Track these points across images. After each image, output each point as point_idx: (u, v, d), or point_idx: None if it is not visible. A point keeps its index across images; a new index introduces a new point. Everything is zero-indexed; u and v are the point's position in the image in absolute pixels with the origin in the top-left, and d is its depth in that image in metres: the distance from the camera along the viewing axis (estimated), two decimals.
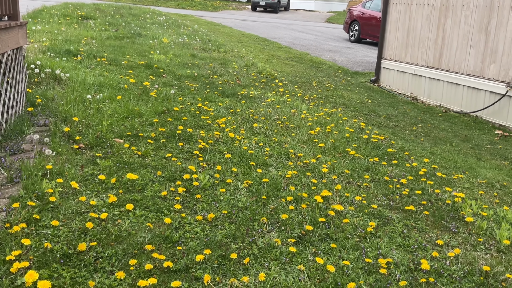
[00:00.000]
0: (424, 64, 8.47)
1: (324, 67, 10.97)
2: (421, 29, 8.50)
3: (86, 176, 3.22)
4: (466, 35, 7.47)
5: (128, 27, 11.21)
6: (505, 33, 6.76)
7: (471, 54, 7.40)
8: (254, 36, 15.16)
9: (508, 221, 3.38)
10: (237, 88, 6.72)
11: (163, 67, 7.16)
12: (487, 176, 4.46)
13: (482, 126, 6.82)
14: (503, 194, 4.02)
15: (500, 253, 2.94)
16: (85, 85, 5.27)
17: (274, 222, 2.95)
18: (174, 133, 4.26)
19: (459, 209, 3.50)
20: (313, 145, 4.53)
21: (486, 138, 6.20)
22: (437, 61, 8.15)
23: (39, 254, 2.36)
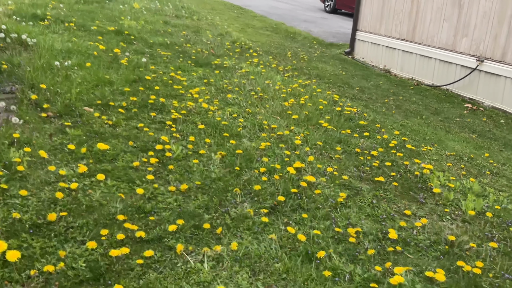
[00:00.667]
0: (398, 37, 8.51)
1: (299, 37, 10.89)
2: (396, 1, 8.50)
3: (55, 145, 3.15)
4: (440, 8, 7.51)
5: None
6: (478, 7, 6.82)
7: (444, 27, 7.47)
8: (229, 4, 14.88)
9: (474, 192, 3.49)
10: (211, 58, 6.63)
11: (134, 34, 6.97)
12: (455, 148, 4.58)
13: (452, 99, 6.95)
14: (470, 166, 4.14)
15: (465, 223, 3.05)
16: (52, 51, 5.09)
17: (247, 193, 2.97)
18: (146, 103, 4.19)
19: (427, 180, 3.59)
20: (287, 117, 4.54)
21: (456, 111, 6.33)
22: (411, 34, 8.20)
23: (8, 224, 2.32)
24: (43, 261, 2.12)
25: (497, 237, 2.89)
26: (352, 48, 9.81)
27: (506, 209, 3.33)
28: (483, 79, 6.82)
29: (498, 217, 3.17)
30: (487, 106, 6.67)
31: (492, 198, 3.45)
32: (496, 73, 6.56)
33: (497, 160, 4.48)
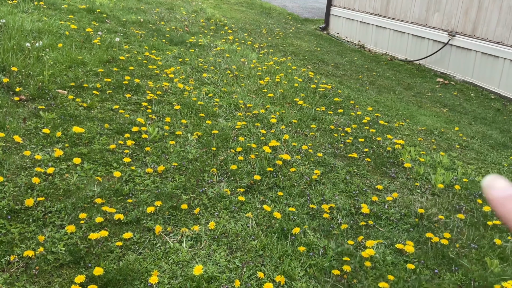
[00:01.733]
0: (372, 12, 8.56)
1: (274, 13, 10.84)
2: None
3: (29, 130, 3.13)
4: None
5: None
6: None
7: (416, 2, 7.54)
8: None
9: (443, 166, 3.63)
10: (186, 36, 6.57)
11: (107, 12, 6.84)
12: (427, 123, 4.70)
13: (425, 74, 7.08)
14: (440, 140, 4.28)
15: (434, 196, 3.17)
16: (22, 32, 4.98)
17: (224, 172, 3.02)
18: (121, 84, 4.17)
19: (399, 155, 3.70)
20: (263, 95, 4.57)
21: (428, 86, 6.46)
22: (384, 9, 8.25)
23: None
24: (23, 246, 2.15)
25: (464, 209, 3.02)
26: (327, 24, 9.83)
27: (473, 181, 3.47)
28: (454, 54, 6.95)
29: (465, 189, 3.31)
30: (458, 80, 6.82)
31: (461, 171, 3.59)
32: (467, 48, 6.69)
33: (467, 134, 4.63)
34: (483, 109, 5.65)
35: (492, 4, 6.25)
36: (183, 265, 2.19)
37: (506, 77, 6.13)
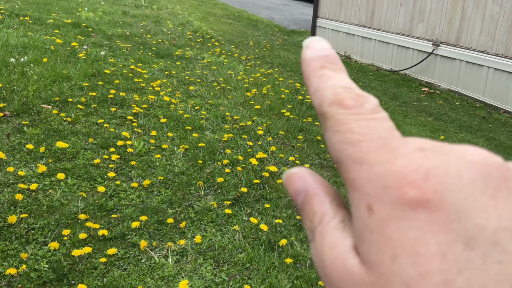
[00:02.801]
0: (357, 23, 8.64)
1: (261, 25, 10.91)
2: None
3: (13, 146, 3.09)
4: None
5: None
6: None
7: (401, 13, 7.63)
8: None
9: None
10: (172, 49, 6.58)
11: (92, 26, 6.83)
12: (412, 132, 4.73)
13: (410, 83, 7.15)
14: None
15: None
16: (7, 47, 4.95)
17: (211, 185, 3.01)
18: (106, 98, 4.14)
19: None
20: (250, 107, 4.58)
21: (413, 95, 6.52)
22: (369, 20, 8.34)
23: None
24: (5, 264, 2.11)
25: None
26: (313, 35, 9.90)
27: None
28: (439, 63, 7.03)
29: None
30: (444, 89, 6.90)
31: None
32: (452, 57, 6.78)
33: (453, 142, 4.66)
34: (468, 117, 5.71)
35: (475, 14, 6.35)
36: (169, 280, 2.16)
37: (491, 85, 6.21)
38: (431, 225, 0.20)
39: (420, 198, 0.20)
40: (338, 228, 0.23)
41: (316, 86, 0.25)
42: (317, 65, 0.26)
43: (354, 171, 0.22)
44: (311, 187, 0.26)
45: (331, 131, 0.23)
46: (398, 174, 0.21)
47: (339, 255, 0.22)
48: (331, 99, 0.24)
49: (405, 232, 0.20)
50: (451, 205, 0.20)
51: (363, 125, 0.23)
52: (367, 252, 0.21)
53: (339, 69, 0.26)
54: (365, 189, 0.21)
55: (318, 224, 0.24)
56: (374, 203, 0.21)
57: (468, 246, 0.20)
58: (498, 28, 6.06)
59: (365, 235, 0.21)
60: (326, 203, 0.25)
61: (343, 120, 0.23)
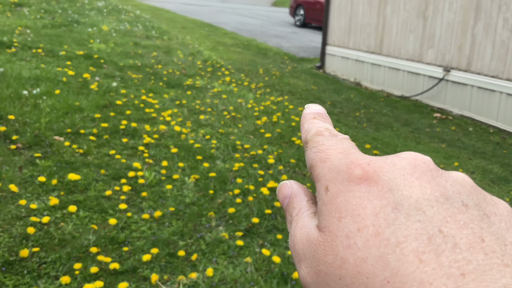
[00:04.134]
0: (366, 50, 8.69)
1: (270, 53, 11.02)
2: (362, 15, 8.70)
3: (25, 178, 3.11)
4: (405, 20, 7.72)
5: (65, 14, 10.75)
6: (441, 18, 7.04)
7: (410, 39, 7.67)
8: (199, 22, 14.96)
9: None
10: (183, 78, 6.65)
11: (104, 57, 6.94)
12: None
13: (422, 109, 7.12)
14: None
15: None
16: (20, 80, 5.04)
17: (222, 216, 2.98)
18: (118, 129, 4.17)
19: None
20: (260, 136, 4.58)
21: (425, 122, 6.48)
22: (379, 47, 8.39)
23: None
24: None
25: None
26: (322, 62, 9.97)
27: None
28: (450, 89, 7.01)
29: None
30: (456, 115, 6.85)
31: None
32: (463, 82, 6.76)
33: (467, 169, 4.60)
34: (482, 143, 5.64)
35: (485, 39, 6.35)
36: None
37: (504, 111, 6.16)
38: (369, 195, 0.27)
39: (363, 175, 0.28)
40: (309, 216, 0.31)
41: (306, 127, 0.35)
42: (311, 116, 0.36)
43: (320, 168, 0.30)
44: (294, 191, 0.33)
45: (309, 148, 0.32)
46: (349, 162, 0.29)
47: (305, 231, 0.29)
48: (314, 132, 0.33)
49: (349, 200, 0.27)
50: (385, 181, 0.27)
51: (332, 142, 0.31)
52: (322, 220, 0.28)
53: (326, 120, 0.35)
54: (325, 176, 0.29)
55: (295, 215, 0.32)
56: (330, 184, 0.28)
57: (396, 209, 0.26)
58: (509, 53, 6.05)
59: (322, 208, 0.28)
60: (303, 200, 0.32)
61: (319, 141, 0.32)
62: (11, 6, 10.73)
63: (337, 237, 0.26)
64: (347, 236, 0.26)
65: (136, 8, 15.08)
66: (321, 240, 0.27)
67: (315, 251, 0.27)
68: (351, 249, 0.26)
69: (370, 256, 0.25)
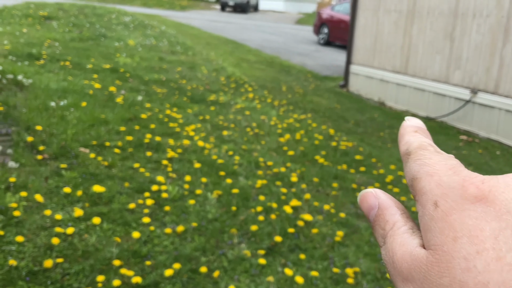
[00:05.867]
0: (391, 70, 8.63)
1: (294, 71, 11.04)
2: (388, 35, 8.66)
3: (50, 189, 3.14)
4: (432, 41, 7.66)
5: (92, 28, 11.01)
6: (469, 40, 6.96)
7: (436, 60, 7.59)
8: (223, 38, 15.13)
9: None
10: (206, 94, 6.69)
11: (130, 71, 7.05)
12: None
13: (448, 131, 7.01)
14: None
15: None
16: (48, 91, 5.14)
17: (244, 233, 2.95)
18: (142, 142, 4.20)
19: None
20: (283, 153, 4.55)
21: (452, 144, 6.36)
22: (404, 67, 8.32)
23: (4, 272, 2.29)
24: None
25: None
26: (346, 81, 9.94)
27: None
28: (477, 111, 6.89)
29: None
30: (483, 138, 6.72)
31: None
32: (490, 105, 6.64)
33: None
34: (510, 167, 5.50)
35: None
36: None
37: None
38: (486, 215, 0.26)
39: (478, 194, 0.27)
40: (408, 232, 0.30)
41: (407, 139, 0.34)
42: (412, 129, 0.35)
43: (426, 181, 0.29)
44: (383, 202, 0.32)
45: (412, 160, 0.31)
46: (462, 179, 0.28)
47: (407, 249, 0.28)
48: (417, 145, 0.32)
49: (464, 219, 0.26)
50: (502, 202, 0.26)
51: (438, 157, 0.31)
52: (432, 238, 0.27)
53: (427, 136, 0.35)
54: (433, 191, 0.28)
55: (389, 229, 0.30)
56: (440, 200, 0.27)
57: None
58: None
59: (431, 224, 0.27)
60: (397, 214, 0.31)
61: (425, 154, 0.31)
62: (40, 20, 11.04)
63: (454, 258, 0.25)
64: (465, 258, 0.25)
65: (161, 24, 15.34)
66: (433, 260, 0.26)
67: (426, 272, 0.26)
68: (471, 272, 0.25)
69: (491, 281, 0.24)
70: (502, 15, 6.41)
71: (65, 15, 12.58)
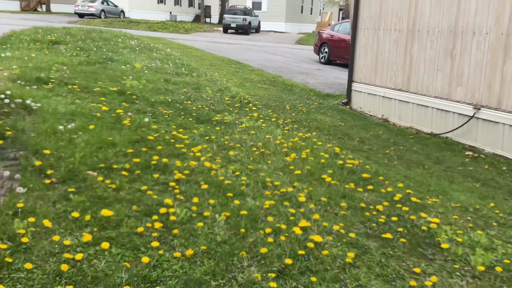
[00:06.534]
0: (393, 87, 8.67)
1: (296, 89, 11.10)
2: (389, 54, 8.72)
3: (59, 213, 3.13)
4: (433, 59, 7.70)
5: (99, 52, 11.12)
6: (469, 57, 7.00)
7: (438, 77, 7.63)
8: (226, 59, 15.25)
9: (482, 246, 3.45)
10: (212, 114, 6.72)
11: (136, 94, 7.10)
12: (460, 199, 4.55)
13: (453, 147, 6.99)
14: (476, 218, 4.11)
15: (475, 279, 2.99)
16: (56, 115, 5.17)
17: (254, 256, 2.93)
18: (149, 164, 4.21)
19: (435, 235, 3.55)
20: (290, 172, 4.55)
21: (457, 160, 6.35)
22: (406, 84, 8.36)
23: None
24: None
25: None
26: (349, 99, 9.97)
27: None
28: (481, 126, 6.89)
29: (508, 271, 3.11)
30: (488, 153, 6.70)
31: (501, 251, 3.40)
32: (494, 120, 6.64)
33: (503, 210, 4.45)
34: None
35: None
36: None
37: None
38: None
39: None
40: None
41: None
42: None
43: None
44: None
45: None
46: None
47: None
48: None
49: None
50: None
51: None
52: None
53: None
54: None
55: None
56: None
57: None
58: None
59: None
60: None
61: None
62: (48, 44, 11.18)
63: None
64: None
65: (166, 46, 15.51)
66: None
67: None
68: None
69: None
70: (501, 33, 6.46)
71: (73, 39, 12.73)
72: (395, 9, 8.47)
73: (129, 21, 33.39)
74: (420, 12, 7.87)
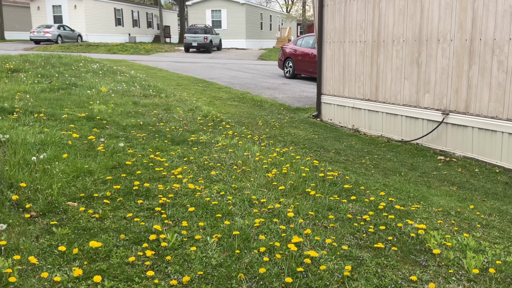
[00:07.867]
0: (362, 98, 8.83)
1: (266, 105, 11.14)
2: (356, 65, 8.90)
3: (43, 248, 2.98)
4: (399, 68, 7.90)
5: (61, 77, 10.86)
6: (435, 64, 7.21)
7: (405, 85, 7.82)
8: (192, 78, 15.19)
9: (471, 248, 3.50)
10: (186, 134, 6.64)
11: (106, 118, 6.95)
12: (441, 203, 4.63)
13: (424, 153, 7.15)
14: (459, 220, 4.18)
15: (471, 283, 3.02)
16: (26, 145, 4.97)
17: (252, 277, 2.87)
18: (131, 190, 4.09)
19: (424, 241, 3.58)
20: (274, 188, 4.52)
21: (431, 165, 6.48)
22: (374, 94, 8.53)
23: None
24: None
25: None
26: (319, 111, 10.08)
27: (506, 262, 3.33)
28: (451, 131, 7.09)
29: (500, 272, 3.16)
30: (459, 157, 6.88)
31: (490, 252, 3.46)
32: (463, 124, 6.84)
33: (483, 211, 4.55)
34: (491, 184, 5.63)
35: (481, 82, 6.49)
36: None
37: (507, 150, 6.20)
38: None
39: None
40: None
41: None
42: None
43: None
44: None
45: None
46: None
47: None
48: None
49: None
50: None
51: None
52: None
53: None
54: None
55: None
56: None
57: None
58: (506, 94, 6.17)
59: None
60: None
61: None
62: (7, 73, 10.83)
63: None
64: None
65: (130, 68, 15.31)
66: None
67: None
68: None
69: None
70: (465, 38, 6.69)
71: (32, 66, 12.38)
72: (359, 21, 8.66)
73: (88, 44, 32.92)
74: (384, 23, 8.09)
